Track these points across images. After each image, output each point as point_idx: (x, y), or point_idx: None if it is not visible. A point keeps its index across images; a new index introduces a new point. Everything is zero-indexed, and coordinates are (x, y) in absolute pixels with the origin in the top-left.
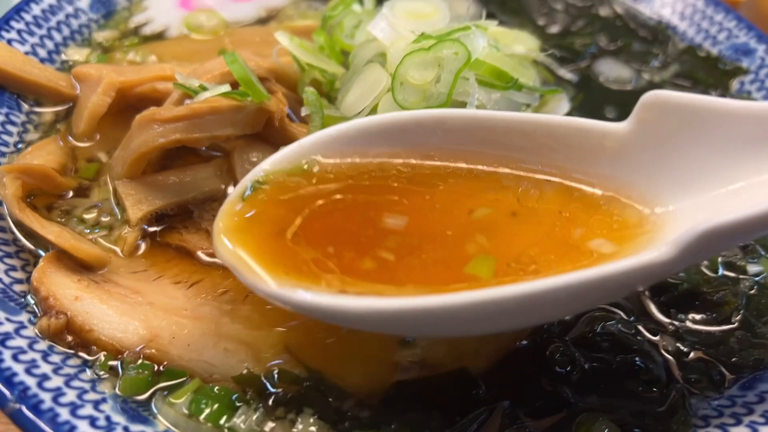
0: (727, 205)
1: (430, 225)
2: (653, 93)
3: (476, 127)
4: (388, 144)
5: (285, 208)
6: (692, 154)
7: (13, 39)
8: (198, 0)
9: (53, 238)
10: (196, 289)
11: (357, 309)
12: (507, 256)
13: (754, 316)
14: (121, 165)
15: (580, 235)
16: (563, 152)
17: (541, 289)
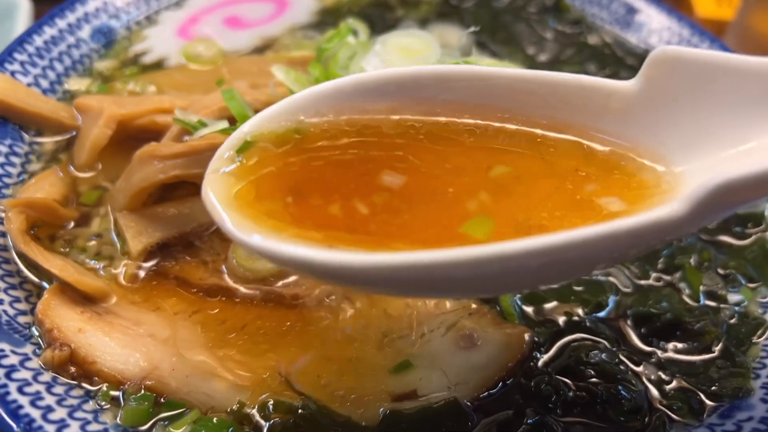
0: (739, 165)
1: (429, 182)
2: (662, 48)
3: (479, 84)
4: (386, 100)
5: (278, 165)
6: (703, 113)
7: (16, 71)
8: (196, 29)
9: (57, 272)
10: (194, 320)
11: (343, 263)
12: (513, 214)
13: (734, 345)
14: (122, 198)
15: (590, 192)
16: (568, 111)
17: (551, 243)
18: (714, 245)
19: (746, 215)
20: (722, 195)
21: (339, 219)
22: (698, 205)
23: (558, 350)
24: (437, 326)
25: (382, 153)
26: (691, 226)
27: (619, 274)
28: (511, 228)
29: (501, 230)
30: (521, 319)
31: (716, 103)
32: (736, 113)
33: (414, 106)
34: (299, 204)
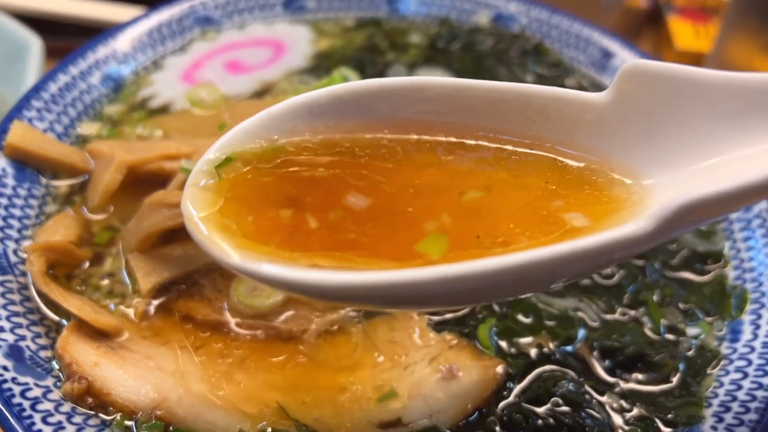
0: (708, 179)
1: (394, 201)
2: (633, 62)
3: (455, 95)
4: (363, 113)
5: (255, 183)
6: (673, 126)
7: (33, 117)
8: (199, 74)
9: (75, 311)
10: (198, 355)
11: (328, 283)
12: (478, 230)
13: (691, 376)
14: (132, 240)
15: (556, 208)
16: (541, 123)
17: (512, 263)
18: (676, 282)
19: (706, 252)
20: (687, 213)
21: (314, 238)
22: (664, 223)
23: (529, 381)
24: (420, 358)
25: (355, 173)
26: (657, 241)
27: (588, 309)
28: (472, 245)
29: (464, 247)
30: (497, 351)
31: (686, 117)
32: (706, 127)
33: (389, 120)
34: (266, 222)
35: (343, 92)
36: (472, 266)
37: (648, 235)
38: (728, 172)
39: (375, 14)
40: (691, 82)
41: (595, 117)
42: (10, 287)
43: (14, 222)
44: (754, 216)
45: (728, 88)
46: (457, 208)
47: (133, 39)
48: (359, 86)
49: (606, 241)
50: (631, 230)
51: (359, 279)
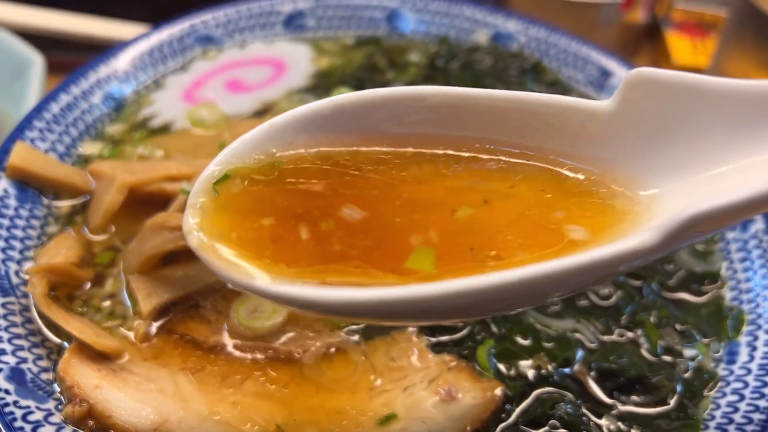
0: (715, 189)
1: (389, 216)
2: (638, 70)
3: (457, 104)
4: (365, 124)
5: (258, 201)
6: (679, 135)
7: (35, 137)
8: (200, 93)
9: (77, 334)
10: (198, 377)
11: (340, 300)
12: (472, 244)
13: (687, 398)
14: (134, 261)
15: (559, 220)
16: (544, 132)
17: (516, 277)
18: (673, 303)
19: (703, 273)
20: (694, 225)
21: (318, 254)
22: (670, 235)
23: (528, 403)
24: (419, 380)
25: (358, 188)
26: (663, 253)
27: (585, 330)
28: (467, 257)
29: (459, 260)
30: (496, 373)
31: (692, 125)
32: (713, 135)
33: (390, 132)
34: (269, 239)
35: (345, 102)
36: (481, 281)
37: (654, 247)
38: (736, 182)
39: (374, 33)
40: (697, 90)
41: (599, 125)
42: (12, 309)
43: (16, 243)
44: (750, 237)
45: (735, 95)
46: (457, 222)
47: (134, 58)
48: (361, 96)
49: (611, 254)
50: (637, 243)
51: (374, 295)
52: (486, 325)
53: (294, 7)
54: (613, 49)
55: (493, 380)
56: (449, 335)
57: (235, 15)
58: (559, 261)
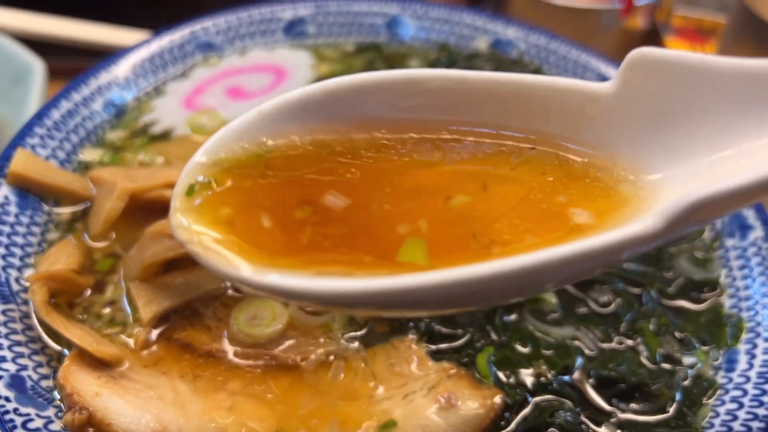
0: (719, 172)
1: (393, 204)
2: (640, 50)
3: (454, 87)
4: (358, 110)
5: (247, 191)
6: (682, 117)
7: (36, 144)
8: (201, 100)
9: (77, 341)
10: (198, 384)
11: (337, 290)
12: (475, 229)
13: (687, 406)
14: (134, 269)
15: (560, 206)
16: (544, 116)
17: (518, 265)
18: (672, 310)
19: (702, 281)
20: (698, 210)
21: (311, 244)
22: (674, 221)
23: (527, 411)
24: (419, 388)
25: (350, 176)
26: (666, 239)
27: (585, 337)
28: (470, 246)
29: (461, 248)
30: (495, 381)
31: (695, 107)
32: (717, 117)
33: (385, 118)
34: (260, 230)
35: (337, 87)
36: (486, 268)
37: (657, 233)
38: (741, 165)
39: (375, 39)
40: (701, 70)
41: (600, 108)
42: (12, 316)
43: (17, 250)
44: (749, 244)
45: (740, 75)
46: (455, 209)
47: (135, 65)
48: (354, 80)
49: (614, 241)
50: (640, 229)
51: (373, 285)
52: (485, 333)
53: (294, 13)
54: (612, 56)
55: (492, 388)
56: (449, 343)
57: (235, 22)
58: (562, 248)
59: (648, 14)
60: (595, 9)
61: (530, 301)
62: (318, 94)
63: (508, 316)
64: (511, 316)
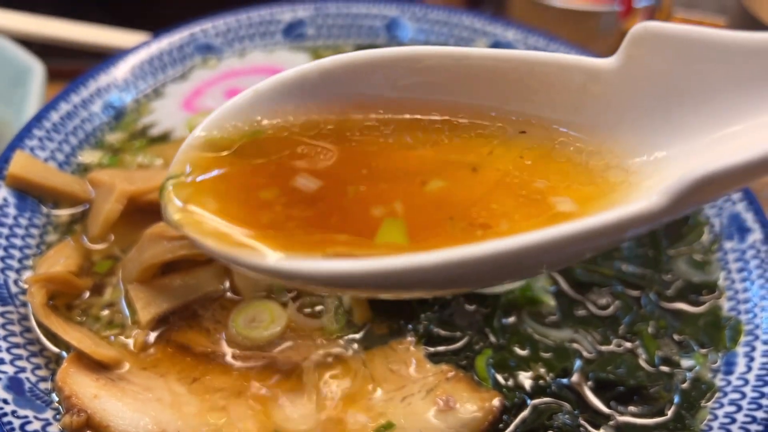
0: (724, 150)
1: (382, 184)
2: (643, 25)
3: (454, 65)
4: (355, 89)
5: (245, 173)
6: (687, 93)
7: (35, 146)
8: (200, 102)
9: (76, 344)
10: (196, 386)
11: (351, 272)
12: (466, 214)
13: (685, 409)
14: (133, 271)
15: (540, 192)
16: (545, 93)
17: (521, 244)
18: (671, 313)
19: (701, 283)
20: (702, 187)
21: (314, 226)
22: (678, 198)
23: (525, 414)
24: (418, 390)
25: (346, 157)
26: (672, 216)
27: (583, 340)
28: (447, 229)
29: (440, 231)
30: (494, 383)
31: (701, 83)
32: (721, 93)
33: (383, 97)
34: (266, 216)
35: (333, 65)
36: (492, 246)
37: (661, 211)
38: (747, 142)
39: (374, 41)
40: (706, 44)
41: (603, 85)
42: (11, 318)
43: (15, 252)
44: (748, 247)
45: (746, 49)
46: (437, 191)
47: (134, 67)
48: (352, 58)
49: (618, 219)
50: (644, 206)
51: (403, 263)
52: (484, 335)
53: (294, 15)
54: None
55: (491, 390)
56: (447, 345)
57: (234, 24)
58: (568, 225)
59: (647, 16)
60: (595, 11)
61: (529, 303)
62: (314, 72)
63: (507, 318)
64: (510, 319)
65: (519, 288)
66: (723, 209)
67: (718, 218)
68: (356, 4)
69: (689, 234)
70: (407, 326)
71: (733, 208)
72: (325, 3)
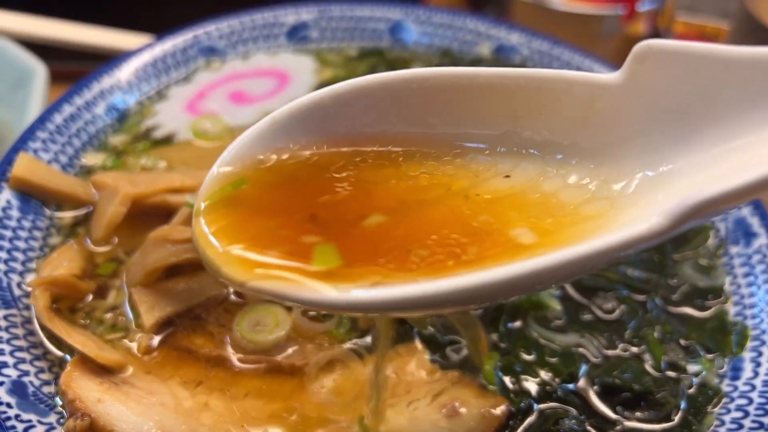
0: (727, 166)
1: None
2: (646, 43)
3: (460, 84)
4: (368, 115)
5: (264, 204)
6: (691, 109)
7: (38, 148)
8: (203, 104)
9: (80, 347)
10: (200, 390)
11: (399, 297)
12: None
13: (692, 414)
14: (137, 274)
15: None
16: (552, 108)
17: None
18: (677, 318)
19: (707, 288)
20: (704, 209)
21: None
22: (679, 219)
23: (532, 419)
24: (423, 395)
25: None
26: (671, 235)
27: (589, 345)
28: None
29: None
30: (501, 387)
31: (706, 98)
32: (726, 107)
33: (391, 127)
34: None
35: (347, 89)
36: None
37: (662, 231)
38: (751, 157)
39: (377, 44)
40: (710, 60)
41: (608, 100)
42: (14, 321)
43: (18, 254)
44: (754, 252)
45: (751, 63)
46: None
47: (138, 69)
48: (364, 81)
49: (619, 241)
50: (645, 228)
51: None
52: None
53: (297, 18)
54: (615, 62)
55: (497, 396)
56: (453, 350)
57: (238, 26)
58: (570, 250)
59: (650, 20)
60: (598, 15)
61: (534, 307)
62: (327, 98)
63: (513, 322)
64: (516, 324)
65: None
66: (728, 214)
67: (723, 223)
68: (360, 6)
69: (695, 238)
70: (412, 331)
71: (739, 213)
72: (329, 6)
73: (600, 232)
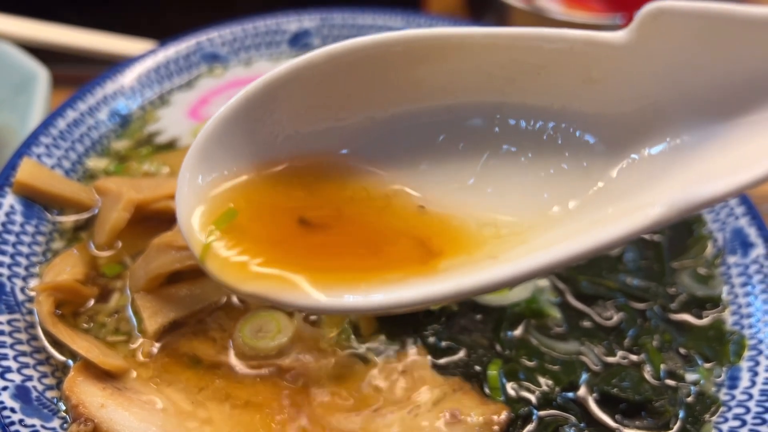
0: (741, 148)
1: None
2: (656, 4)
3: (449, 47)
4: (362, 87)
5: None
6: (704, 74)
7: (42, 153)
8: (206, 110)
9: (83, 353)
10: (202, 396)
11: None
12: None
13: (690, 423)
14: (140, 280)
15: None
16: (546, 78)
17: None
18: (675, 326)
19: (705, 297)
20: (706, 204)
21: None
22: (680, 212)
23: (532, 427)
24: (424, 402)
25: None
26: (669, 224)
27: (589, 352)
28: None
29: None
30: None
31: (719, 66)
32: (742, 75)
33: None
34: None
35: (342, 51)
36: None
37: (662, 221)
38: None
39: None
40: (728, 21)
41: (612, 62)
42: (18, 326)
43: (22, 259)
44: (751, 261)
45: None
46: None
47: (141, 74)
48: (361, 42)
49: (623, 232)
50: (645, 218)
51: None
52: (490, 347)
53: (300, 25)
54: None
55: (497, 403)
56: (454, 357)
57: (241, 33)
58: (574, 242)
59: None
60: (597, 24)
61: (534, 315)
62: (321, 58)
63: (513, 330)
64: (516, 331)
65: (525, 300)
66: (726, 224)
67: (721, 233)
68: (362, 14)
69: (693, 248)
70: (414, 338)
71: (736, 223)
72: (331, 13)
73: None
